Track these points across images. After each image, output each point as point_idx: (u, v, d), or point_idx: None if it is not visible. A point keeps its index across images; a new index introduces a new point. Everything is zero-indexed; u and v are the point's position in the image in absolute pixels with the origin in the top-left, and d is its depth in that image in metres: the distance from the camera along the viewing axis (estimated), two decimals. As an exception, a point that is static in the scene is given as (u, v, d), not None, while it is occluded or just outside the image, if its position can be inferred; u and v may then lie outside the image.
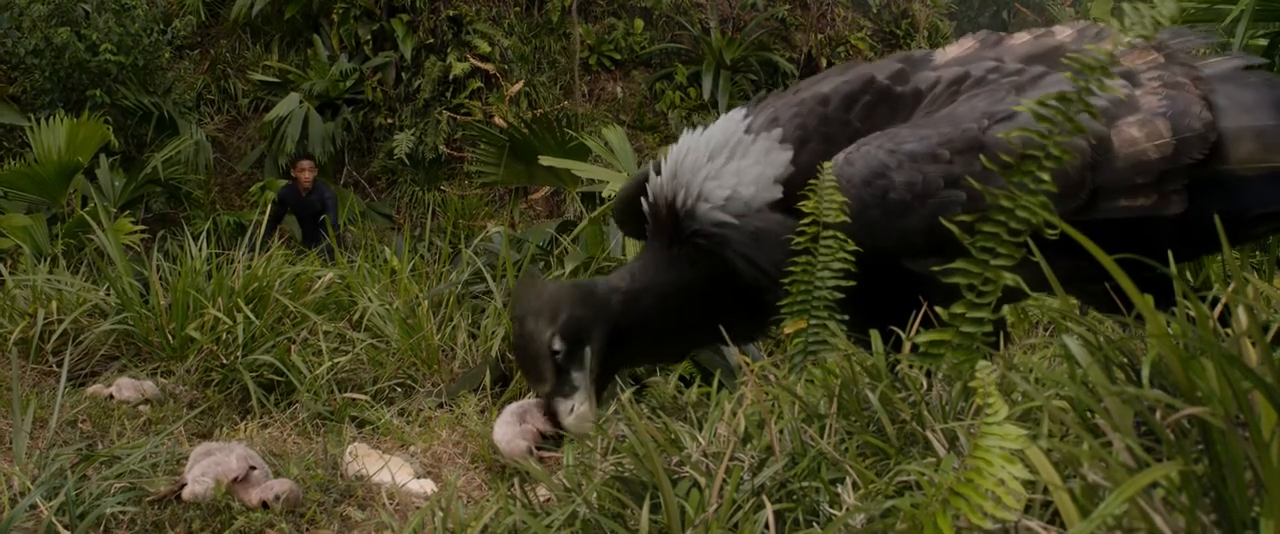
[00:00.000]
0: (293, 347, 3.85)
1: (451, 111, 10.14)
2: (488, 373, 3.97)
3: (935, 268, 1.47)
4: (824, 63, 11.05)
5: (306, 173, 8.03)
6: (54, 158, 6.27)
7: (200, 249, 4.25)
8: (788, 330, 2.18)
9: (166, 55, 8.85)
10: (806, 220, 2.06)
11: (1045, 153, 1.34)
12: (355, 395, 3.63)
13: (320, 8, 10.92)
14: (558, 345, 1.97)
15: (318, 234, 7.93)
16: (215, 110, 10.46)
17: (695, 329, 2.24)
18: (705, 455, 1.47)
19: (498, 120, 8.96)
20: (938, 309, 1.47)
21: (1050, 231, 1.40)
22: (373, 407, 3.57)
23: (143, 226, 6.51)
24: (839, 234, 2.06)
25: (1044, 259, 1.28)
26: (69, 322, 3.92)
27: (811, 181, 1.95)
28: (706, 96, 10.65)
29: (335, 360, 3.72)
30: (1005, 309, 1.43)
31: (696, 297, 2.14)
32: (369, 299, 4.18)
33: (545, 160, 4.69)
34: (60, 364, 4.03)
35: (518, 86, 9.55)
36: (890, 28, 11.45)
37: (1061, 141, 1.35)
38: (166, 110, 8.62)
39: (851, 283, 2.04)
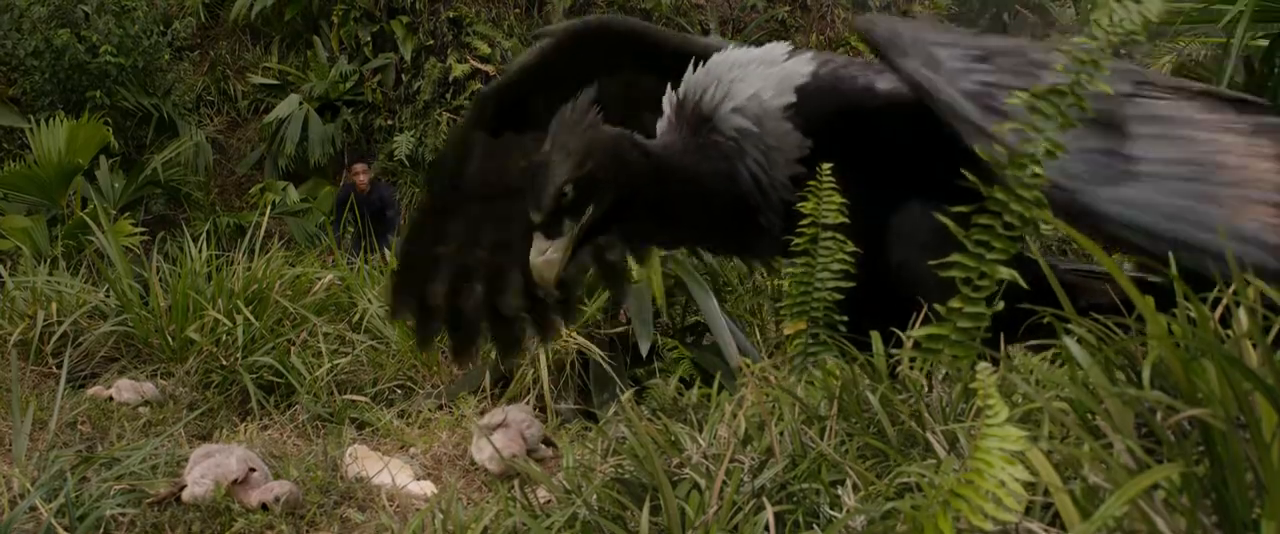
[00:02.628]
0: (292, 348, 3.85)
1: (452, 113, 10.13)
2: (487, 374, 3.98)
3: (932, 262, 1.46)
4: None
5: (361, 175, 8.25)
6: (54, 159, 6.26)
7: (200, 251, 4.25)
8: (787, 331, 2.18)
9: (166, 57, 8.85)
10: (805, 221, 2.07)
11: (1039, 146, 1.34)
12: (355, 397, 3.63)
13: (320, 9, 10.90)
14: (568, 191, 1.95)
15: (384, 232, 8.01)
16: (215, 112, 10.45)
17: (696, 226, 2.25)
18: (705, 457, 1.47)
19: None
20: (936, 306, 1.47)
21: (1046, 226, 1.40)
22: (372, 408, 3.57)
23: (142, 228, 6.50)
24: (838, 235, 2.07)
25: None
26: (68, 323, 3.92)
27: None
28: (706, 98, 10.63)
29: (335, 362, 3.73)
30: (999, 304, 1.43)
31: (707, 193, 2.15)
32: (369, 301, 4.18)
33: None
34: (60, 366, 4.03)
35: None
36: (890, 29, 11.43)
37: (1054, 135, 1.35)
38: (166, 112, 8.61)
39: (851, 283, 2.05)
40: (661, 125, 2.18)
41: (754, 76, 2.12)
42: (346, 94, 10.44)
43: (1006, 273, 1.37)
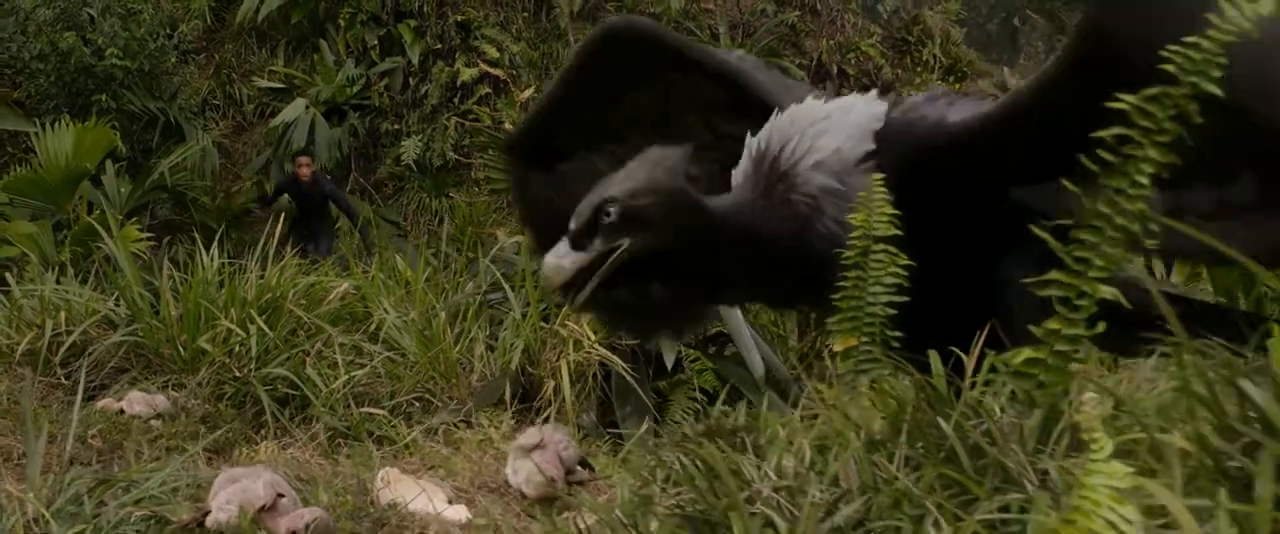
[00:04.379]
0: (307, 359, 3.76)
1: (459, 117, 10.03)
2: (507, 387, 3.88)
3: (1028, 280, 1.37)
4: (835, 70, 10.95)
5: (304, 168, 8.39)
6: (60, 164, 6.17)
7: (212, 258, 4.16)
8: (837, 348, 2.08)
9: (172, 60, 8.76)
10: (856, 234, 1.98)
11: (1145, 154, 1.24)
12: (373, 410, 3.54)
13: (326, 13, 10.82)
14: (611, 212, 1.85)
15: (327, 224, 8.35)
16: (220, 116, 10.36)
17: (757, 284, 2.17)
18: (775, 489, 1.38)
19: (508, 126, 8.86)
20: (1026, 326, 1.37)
21: (1151, 241, 1.30)
22: (392, 422, 3.47)
23: (149, 234, 6.40)
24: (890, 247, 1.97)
25: None
26: (78, 333, 3.82)
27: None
28: (716, 103, 10.54)
29: (352, 374, 3.63)
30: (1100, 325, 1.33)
31: (774, 254, 2.05)
32: (385, 310, 4.08)
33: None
34: (68, 377, 3.94)
35: (528, 92, 9.45)
36: (902, 34, 11.36)
37: (1161, 141, 1.25)
38: (173, 116, 8.52)
39: (905, 298, 1.95)
40: (738, 175, 2.08)
41: (835, 128, 2.03)
42: (353, 98, 10.34)
43: (1108, 292, 1.27)
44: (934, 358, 1.85)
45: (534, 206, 2.57)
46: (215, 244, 4.25)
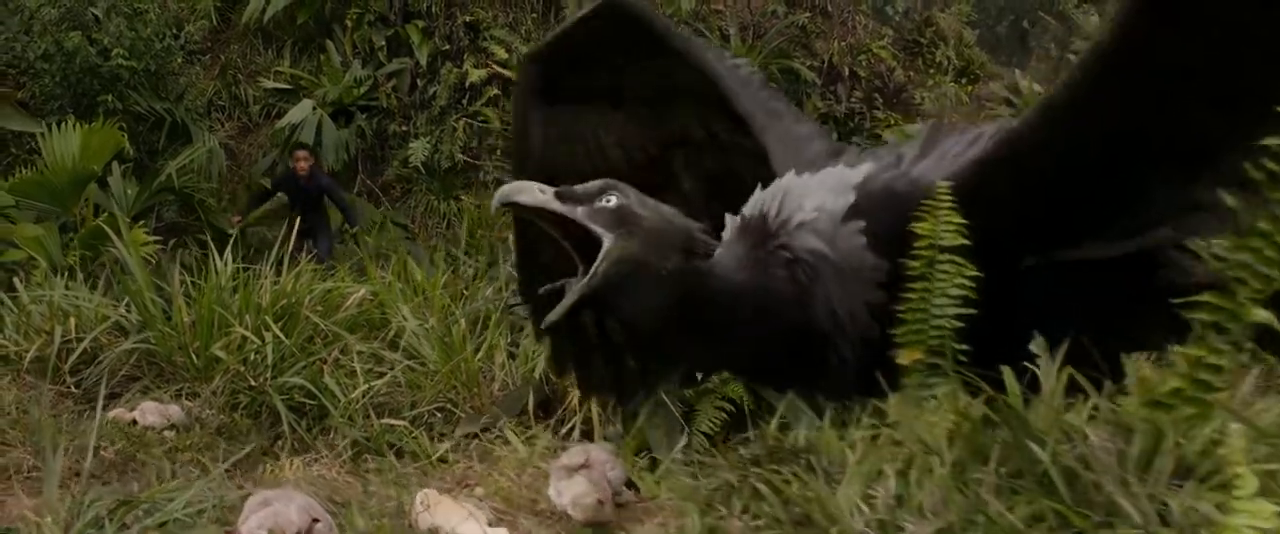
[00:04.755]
0: (325, 368, 3.65)
1: (469, 119, 9.92)
2: (531, 396, 3.77)
3: (1176, 302, 1.25)
4: (846, 72, 10.84)
5: (303, 163, 8.27)
6: (67, 165, 6.05)
7: (225, 263, 4.05)
8: (902, 362, 1.97)
9: (179, 60, 8.64)
10: (923, 243, 1.86)
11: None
12: (394, 421, 3.43)
13: (333, 13, 10.71)
14: (613, 200, 1.73)
15: (324, 221, 8.32)
16: (225, 117, 10.25)
17: (747, 354, 2.00)
18: (868, 525, 1.27)
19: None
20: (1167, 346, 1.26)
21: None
22: (413, 434, 3.36)
23: (157, 237, 6.29)
24: (955, 257, 1.86)
25: None
26: (89, 340, 3.71)
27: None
28: (726, 105, 10.42)
29: (371, 384, 3.52)
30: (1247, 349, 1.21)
31: (766, 316, 1.90)
32: (403, 317, 3.97)
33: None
34: (78, 385, 3.83)
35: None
36: (913, 36, 11.25)
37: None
38: (179, 117, 8.41)
39: (972, 310, 1.84)
40: (722, 248, 1.92)
41: (816, 189, 1.89)
42: (360, 99, 10.22)
43: (1264, 316, 1.16)
44: (1008, 375, 1.74)
45: (524, 133, 2.49)
46: (228, 248, 4.13)
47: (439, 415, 3.49)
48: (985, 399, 1.68)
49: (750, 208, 1.95)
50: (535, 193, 1.83)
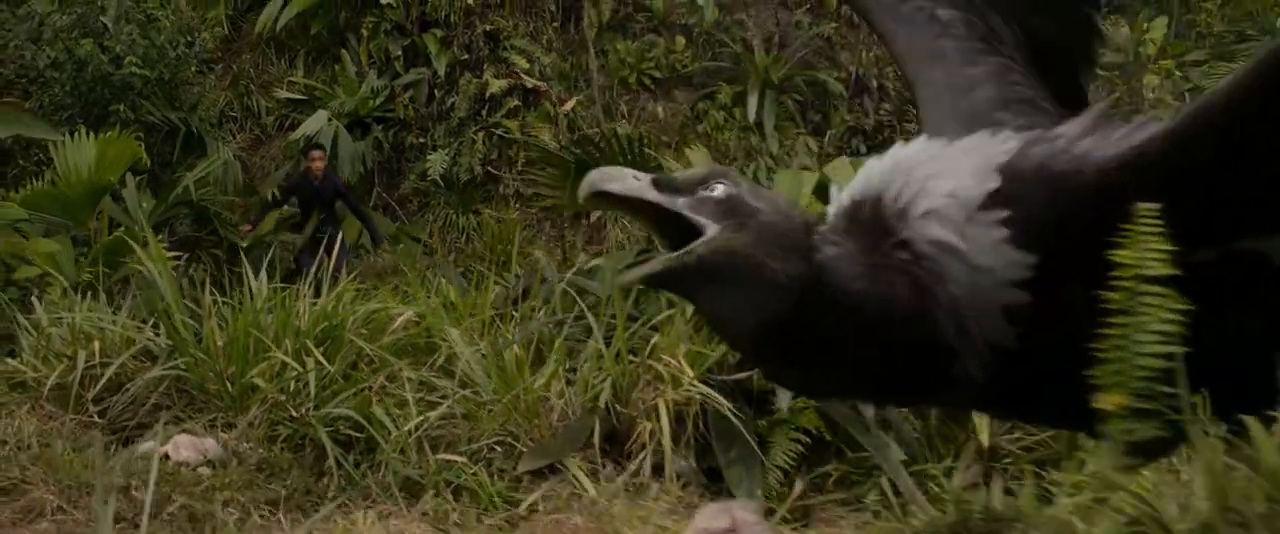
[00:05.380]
0: (374, 397, 3.35)
1: (487, 131, 9.65)
2: (597, 426, 3.47)
3: None
4: (874, 84, 10.59)
5: (318, 161, 8.11)
6: (84, 176, 5.77)
7: (260, 282, 3.75)
8: (1104, 406, 1.68)
9: (193, 69, 8.37)
10: (1126, 273, 1.56)
11: None
12: (451, 457, 3.13)
13: (348, 23, 10.46)
14: (719, 189, 1.44)
15: (338, 227, 8.09)
16: (237, 128, 9.98)
17: (860, 373, 1.68)
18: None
19: (546, 137, 8.51)
20: None
21: None
22: (472, 471, 3.07)
23: (173, 253, 5.99)
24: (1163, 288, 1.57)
25: None
26: (116, 366, 3.42)
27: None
28: (752, 117, 10.18)
29: (426, 415, 3.23)
30: None
31: (880, 331, 1.57)
32: (452, 343, 3.67)
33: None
34: (102, 414, 3.54)
35: (572, 103, 9.08)
36: (941, 47, 10.99)
37: None
38: (194, 127, 8.13)
39: (1183, 348, 1.55)
40: (831, 240, 1.60)
41: (950, 168, 1.55)
42: (376, 110, 9.97)
43: None
44: (1255, 426, 1.46)
45: None
46: (264, 269, 3.84)
47: (499, 450, 3.20)
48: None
49: (862, 186, 1.61)
50: (628, 180, 1.54)
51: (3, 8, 8.36)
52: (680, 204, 1.49)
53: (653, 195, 1.48)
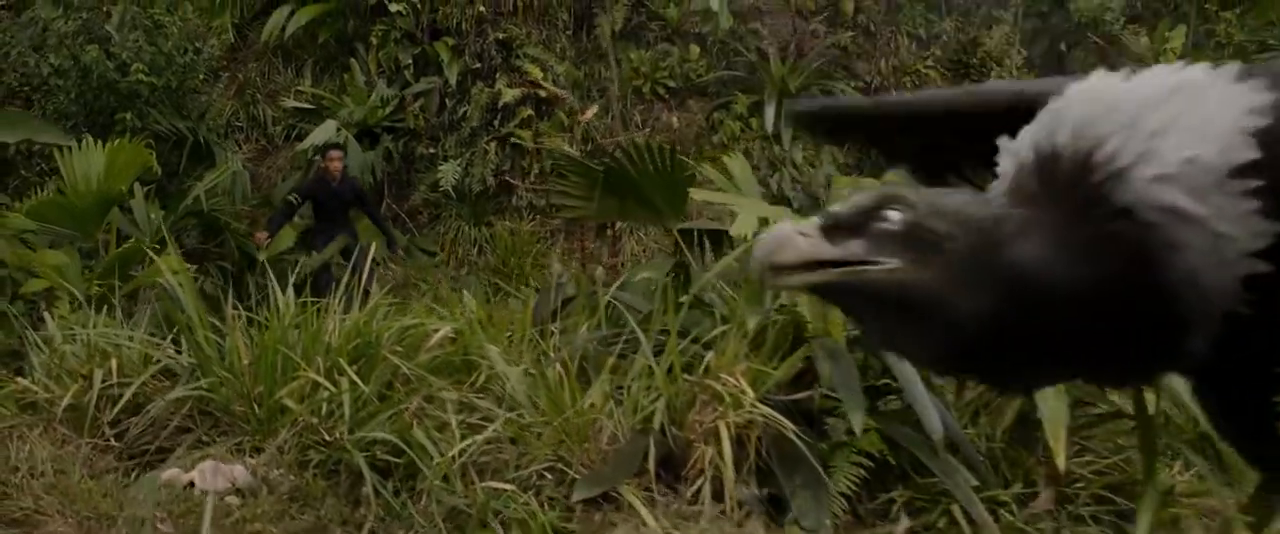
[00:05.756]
0: (413, 419, 3.13)
1: (501, 140, 9.45)
2: (650, 449, 3.25)
3: None
4: (891, 93, 10.41)
5: (336, 162, 7.77)
6: (93, 186, 5.53)
7: (288, 297, 3.53)
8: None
9: (200, 77, 8.16)
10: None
11: None
12: (499, 485, 2.91)
13: (356, 31, 10.27)
14: (894, 219, 1.23)
15: (350, 226, 7.83)
16: (244, 138, 9.76)
17: (1067, 359, 1.45)
18: None
19: (563, 146, 8.30)
20: None
21: None
22: (521, 499, 2.85)
23: (189, 265, 5.76)
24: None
25: None
26: (136, 387, 3.19)
27: None
28: (768, 128, 9.99)
29: (471, 438, 3.00)
30: None
31: (1099, 313, 1.33)
32: (491, 360, 3.45)
33: (698, 194, 3.99)
34: (119, 437, 3.31)
35: (591, 112, 8.88)
36: (958, 56, 10.85)
37: None
38: (202, 136, 7.91)
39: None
40: (1017, 219, 1.35)
41: (1182, 126, 1.30)
42: (386, 120, 9.77)
43: None
44: None
45: None
46: (291, 285, 3.61)
47: (549, 477, 2.97)
48: None
49: (1048, 137, 1.35)
50: (797, 242, 1.30)
51: (5, 14, 8.15)
52: (856, 249, 1.28)
53: (830, 252, 1.27)
